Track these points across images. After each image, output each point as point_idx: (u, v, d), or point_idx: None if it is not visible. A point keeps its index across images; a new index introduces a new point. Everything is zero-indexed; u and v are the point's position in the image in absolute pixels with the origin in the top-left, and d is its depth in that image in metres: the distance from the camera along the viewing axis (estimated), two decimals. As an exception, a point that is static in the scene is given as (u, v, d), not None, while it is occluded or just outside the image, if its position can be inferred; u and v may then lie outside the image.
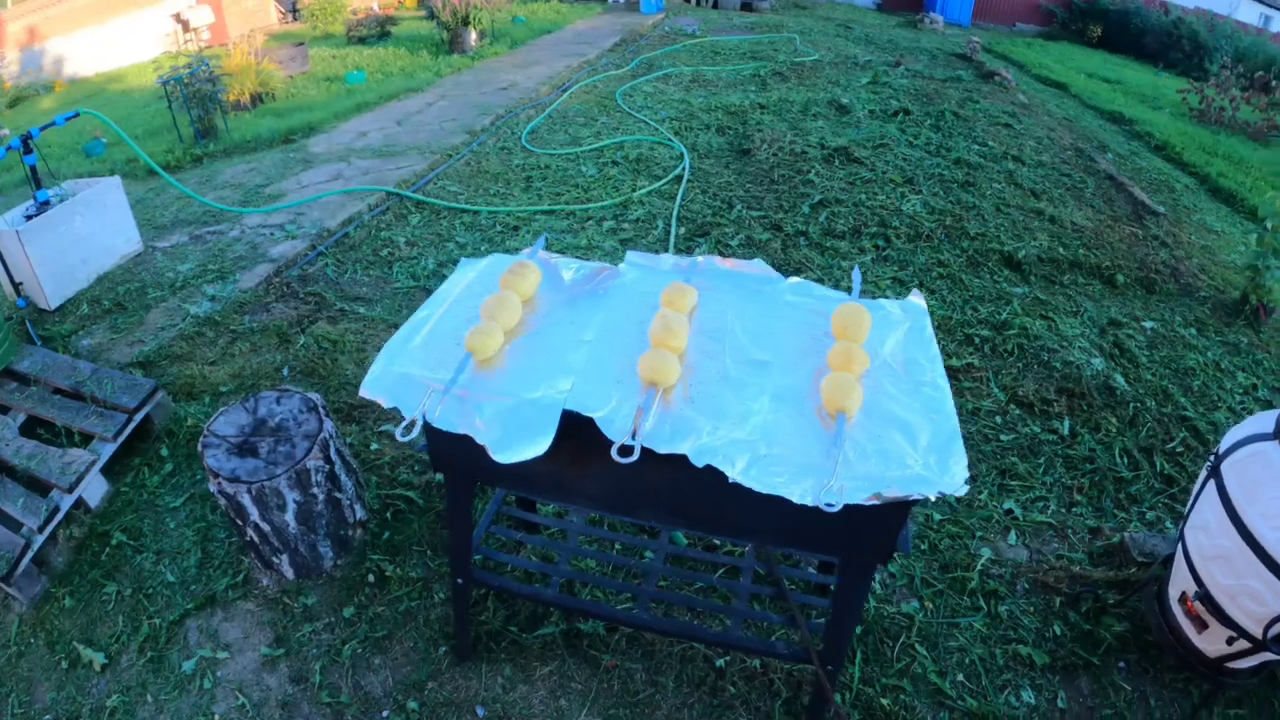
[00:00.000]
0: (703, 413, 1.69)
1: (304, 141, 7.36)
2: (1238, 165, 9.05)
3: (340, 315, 4.40)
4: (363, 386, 1.82)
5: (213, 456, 2.60)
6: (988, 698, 2.64)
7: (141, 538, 3.07)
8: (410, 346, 1.92)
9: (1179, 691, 2.72)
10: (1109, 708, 2.66)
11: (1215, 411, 4.27)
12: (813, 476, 1.61)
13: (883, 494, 1.60)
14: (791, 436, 1.68)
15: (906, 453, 1.67)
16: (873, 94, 8.67)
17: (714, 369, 1.83)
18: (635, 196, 5.97)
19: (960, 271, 5.25)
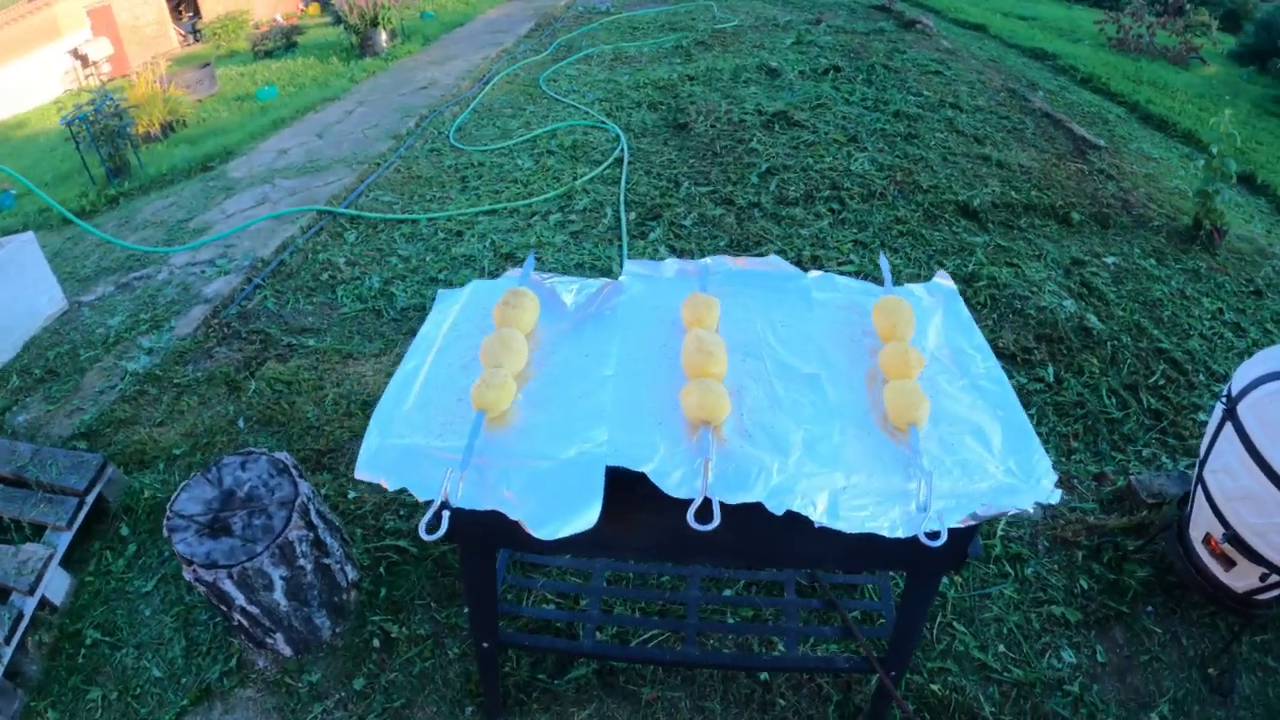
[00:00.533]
0: (764, 448, 1.50)
1: (223, 167, 6.97)
2: (1163, 91, 9.18)
3: (289, 352, 4.11)
4: (359, 467, 1.56)
5: (182, 541, 2.32)
6: (1031, 664, 2.63)
7: (117, 632, 2.78)
8: (404, 409, 1.65)
9: (1207, 627, 2.75)
10: (1145, 653, 2.68)
11: (1189, 340, 4.28)
12: (898, 504, 1.46)
13: (978, 514, 1.45)
14: (864, 460, 1.51)
15: (985, 460, 1.53)
16: (800, 54, 8.55)
17: (761, 393, 1.64)
18: (578, 185, 5.76)
19: (919, 227, 5.17)
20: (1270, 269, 5.11)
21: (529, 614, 2.34)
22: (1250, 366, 2.49)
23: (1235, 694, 2.57)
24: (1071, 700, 2.53)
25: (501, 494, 1.49)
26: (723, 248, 4.92)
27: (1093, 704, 2.52)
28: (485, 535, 1.73)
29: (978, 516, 1.47)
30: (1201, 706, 2.54)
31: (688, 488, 1.43)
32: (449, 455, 1.52)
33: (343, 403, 3.69)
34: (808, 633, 2.27)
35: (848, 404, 1.64)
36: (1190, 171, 6.71)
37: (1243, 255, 5.23)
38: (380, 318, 4.39)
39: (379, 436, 1.59)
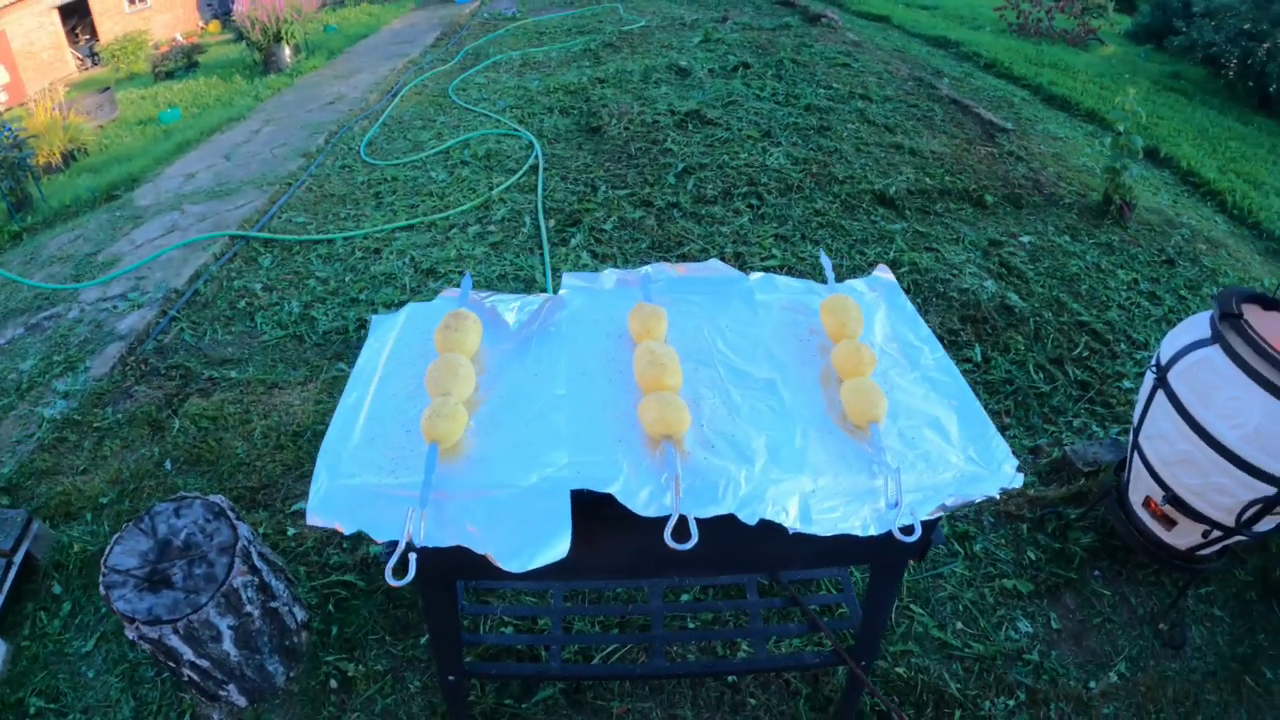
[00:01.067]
0: (729, 458, 1.47)
1: (129, 195, 6.65)
2: (1065, 72, 9.50)
3: (211, 386, 3.94)
4: (310, 511, 1.46)
5: (121, 598, 2.18)
6: (990, 638, 2.69)
7: (61, 697, 2.60)
8: (351, 446, 1.56)
9: (1153, 585, 2.88)
10: (1097, 616, 2.78)
11: (1108, 311, 4.43)
12: (867, 502, 1.45)
13: (947, 504, 1.45)
14: (829, 461, 1.49)
15: (946, 450, 1.54)
16: (708, 52, 8.59)
17: (719, 401, 1.61)
18: (494, 195, 5.68)
19: (838, 217, 5.24)
20: (1179, 237, 5.33)
21: (489, 641, 2.28)
22: (1177, 335, 2.58)
23: (1187, 645, 2.69)
24: (1033, 668, 2.61)
25: (465, 528, 1.42)
26: (644, 250, 4.91)
27: (1053, 669, 2.60)
28: (447, 570, 1.67)
29: (946, 507, 1.47)
30: (1157, 661, 2.65)
31: (657, 505, 1.39)
32: (405, 492, 1.45)
33: (272, 435, 3.55)
34: (772, 632, 2.26)
35: (805, 406, 1.63)
36: (1096, 149, 6.97)
37: (1153, 226, 5.44)
38: (303, 343, 4.25)
39: (328, 477, 1.50)
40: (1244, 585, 2.93)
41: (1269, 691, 2.60)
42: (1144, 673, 2.61)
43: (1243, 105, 9.91)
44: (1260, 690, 2.60)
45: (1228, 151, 7.96)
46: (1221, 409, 2.31)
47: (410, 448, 1.54)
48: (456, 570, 1.68)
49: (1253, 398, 2.23)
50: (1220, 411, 2.31)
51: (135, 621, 2.13)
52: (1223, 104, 9.87)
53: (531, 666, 2.22)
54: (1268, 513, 2.29)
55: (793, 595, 2.29)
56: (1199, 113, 9.21)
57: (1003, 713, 2.49)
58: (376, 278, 4.77)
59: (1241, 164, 7.62)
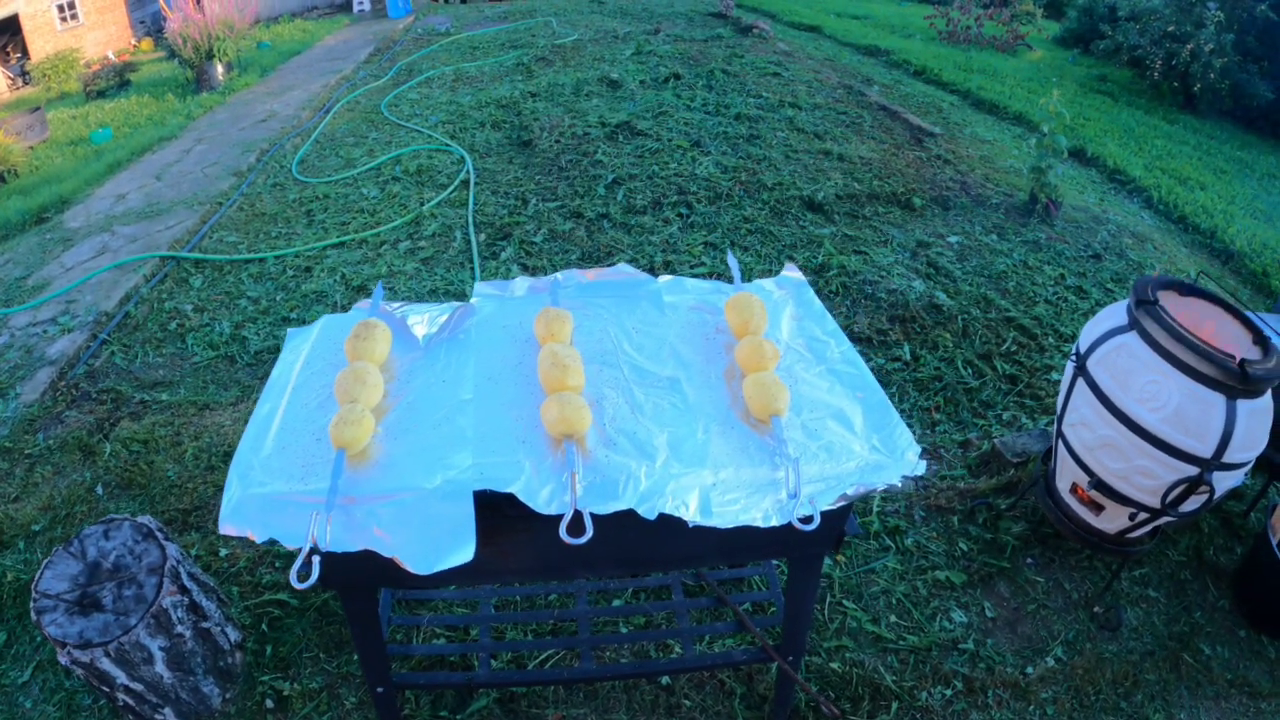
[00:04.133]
0: (629, 455, 1.49)
1: (59, 217, 6.47)
2: (993, 77, 9.73)
3: (142, 409, 3.87)
4: (222, 520, 1.48)
5: (52, 622, 2.15)
6: (924, 629, 2.72)
7: None
8: (263, 456, 1.57)
9: (1086, 570, 2.95)
10: (1031, 603, 2.83)
11: (1035, 306, 4.54)
12: (769, 494, 1.48)
13: (848, 494, 1.49)
14: (731, 455, 1.52)
15: (850, 441, 1.58)
16: (640, 64, 8.66)
17: (621, 400, 1.63)
18: (425, 211, 5.66)
19: (767, 224, 5.31)
20: (1105, 233, 5.48)
21: (421, 652, 2.27)
22: (1095, 324, 2.65)
23: (1123, 627, 2.75)
24: (968, 656, 2.65)
25: (371, 532, 1.43)
26: (575, 260, 4.93)
27: (989, 657, 2.64)
28: (362, 577, 1.67)
29: (848, 496, 1.51)
30: (1093, 644, 2.70)
31: (558, 503, 1.41)
32: (314, 499, 1.46)
33: (203, 457, 3.50)
34: (701, 632, 2.29)
35: (708, 402, 1.66)
36: (1023, 151, 7.14)
37: (1079, 224, 5.60)
38: (234, 364, 4.19)
39: (240, 487, 1.51)
40: (1178, 565, 3.02)
41: (1208, 667, 2.67)
42: (1081, 656, 2.66)
43: (1168, 105, 10.24)
44: (1199, 666, 2.66)
45: (1154, 149, 8.22)
46: (1140, 393, 2.37)
47: (320, 455, 1.55)
48: (374, 577, 1.69)
49: (1170, 380, 2.30)
50: (1139, 395, 2.37)
51: (66, 645, 2.10)
52: (1148, 104, 10.18)
53: (461, 675, 2.21)
54: (1192, 493, 2.34)
55: (719, 595, 2.31)
56: (1125, 113, 9.50)
57: (940, 702, 2.52)
58: (308, 296, 4.72)
59: (1167, 161, 7.88)
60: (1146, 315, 2.37)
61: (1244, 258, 5.82)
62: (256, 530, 1.45)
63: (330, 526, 1.42)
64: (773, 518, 1.46)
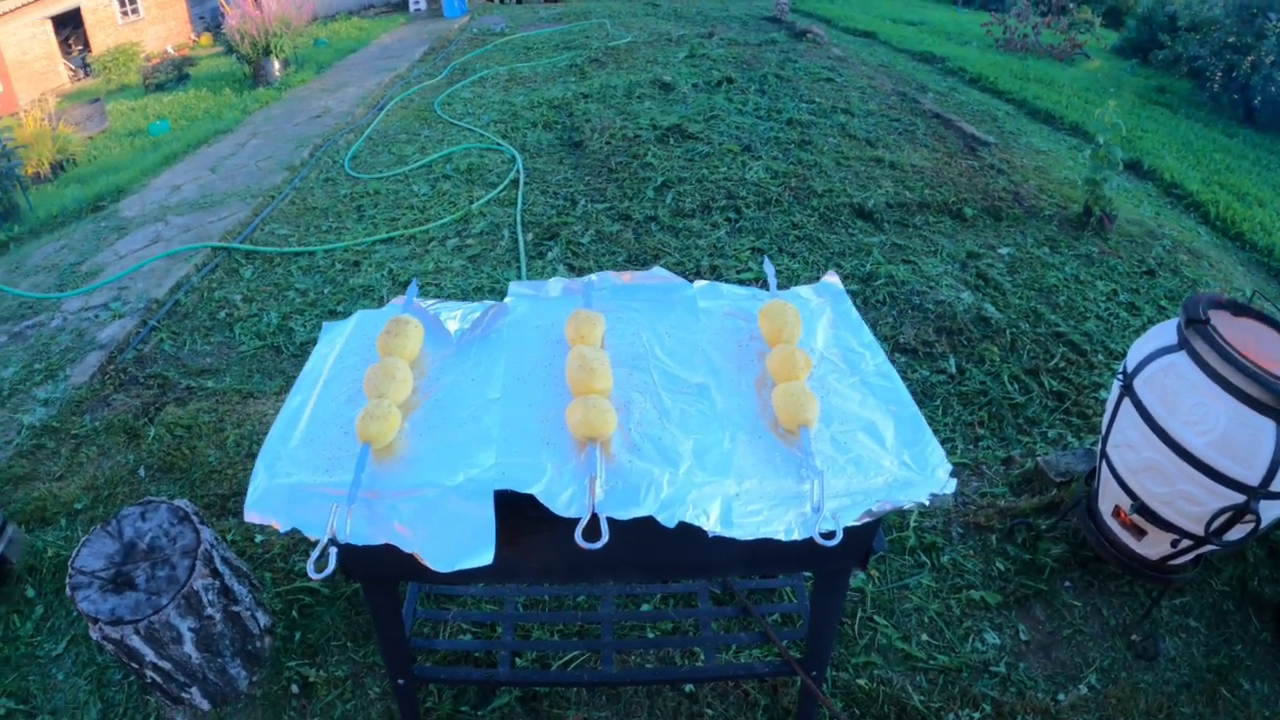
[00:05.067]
0: (653, 461, 1.48)
1: (115, 206, 6.68)
2: (1050, 86, 9.54)
3: (188, 395, 3.96)
4: (247, 508, 1.49)
5: (85, 599, 2.21)
6: (955, 650, 2.66)
7: (30, 699, 2.62)
8: (290, 447, 1.58)
9: (1126, 596, 2.85)
10: (1067, 627, 2.74)
11: (1085, 322, 4.42)
12: (793, 506, 1.45)
13: (873, 510, 1.46)
14: (756, 465, 1.50)
15: (879, 455, 1.54)
16: (693, 67, 8.64)
17: (649, 405, 1.62)
18: (474, 209, 5.70)
19: (816, 231, 5.26)
20: (1160, 249, 5.32)
21: (445, 647, 2.28)
22: (1143, 343, 2.55)
23: (1160, 657, 2.65)
24: (999, 680, 2.57)
25: (392, 527, 1.44)
26: (621, 263, 4.93)
27: (1020, 681, 2.57)
28: (384, 570, 1.68)
29: (873, 513, 1.47)
30: (1129, 673, 2.61)
31: (577, 506, 1.40)
32: (337, 491, 1.47)
33: (244, 444, 3.56)
34: (726, 641, 2.26)
35: (737, 410, 1.63)
36: (1078, 162, 6.98)
37: (1134, 238, 5.44)
38: (280, 354, 4.27)
39: (266, 476, 1.52)
40: (1220, 595, 2.89)
41: (1245, 703, 2.56)
42: (1115, 685, 2.58)
43: (1227, 118, 9.96)
44: (1237, 702, 2.56)
45: (1212, 164, 7.98)
46: (1187, 415, 2.27)
47: (346, 449, 1.56)
48: (396, 571, 1.69)
49: (1219, 404, 2.20)
50: (1186, 418, 2.27)
51: (99, 622, 2.15)
52: (1207, 117, 9.91)
53: (482, 672, 2.22)
54: (1238, 521, 2.25)
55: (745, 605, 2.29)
56: (1183, 126, 9.25)
57: (967, 726, 2.45)
58: (355, 290, 4.79)
59: (1225, 176, 7.65)
60: (1196, 335, 2.28)
61: (1303, 275, 5.64)
62: (280, 519, 1.47)
63: (351, 519, 1.43)
64: (794, 531, 1.44)
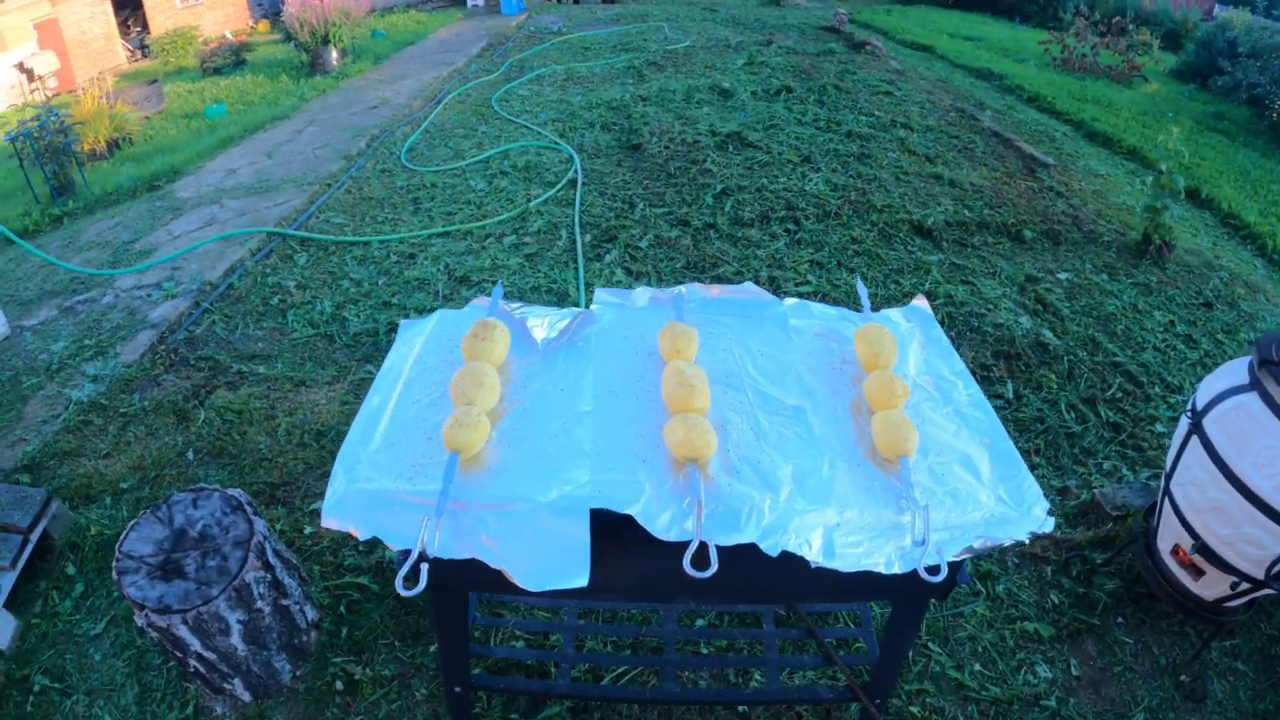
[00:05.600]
0: (753, 485, 1.43)
1: (170, 187, 6.74)
2: (1107, 108, 9.39)
3: (239, 379, 3.97)
4: (325, 513, 1.45)
5: (133, 584, 2.18)
6: (1007, 681, 2.62)
7: (66, 678, 2.60)
8: (370, 450, 1.54)
9: (1177, 635, 2.79)
10: (1118, 664, 2.70)
11: (1143, 353, 4.34)
12: (891, 538, 1.41)
13: (975, 546, 1.41)
14: (856, 494, 1.45)
15: (976, 489, 1.50)
16: (751, 75, 8.59)
17: (745, 426, 1.57)
18: (532, 207, 5.69)
19: (875, 246, 5.20)
20: (1218, 280, 5.22)
21: (500, 654, 2.24)
22: (1214, 380, 2.51)
23: (1208, 700, 2.60)
24: (1049, 715, 2.53)
25: (480, 541, 1.40)
26: (679, 269, 4.90)
27: (1070, 717, 2.53)
28: (459, 581, 1.64)
29: (974, 549, 1.43)
30: (1176, 714, 2.56)
31: (678, 530, 1.36)
32: (422, 500, 1.42)
33: (296, 433, 3.56)
34: (787, 663, 2.22)
35: (834, 436, 1.59)
36: (1136, 187, 6.86)
37: (1191, 268, 5.34)
38: (332, 343, 4.27)
39: (345, 480, 1.48)
40: (1269, 639, 2.83)
41: None
42: None
43: (1287, 149, 9.75)
44: None
45: (1270, 195, 7.80)
46: (1257, 458, 2.24)
47: (430, 455, 1.52)
48: (469, 582, 1.65)
49: None
50: (1256, 460, 2.24)
51: (145, 609, 2.13)
52: (1265, 146, 9.72)
53: (540, 683, 2.19)
54: None
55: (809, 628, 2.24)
56: (1241, 154, 9.08)
57: (1017, 760, 2.39)
58: (410, 282, 4.79)
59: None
60: (1270, 376, 2.25)
61: (1360, 318, 5.48)
62: (360, 527, 1.42)
63: (439, 532, 1.39)
64: (895, 564, 1.39)
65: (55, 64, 13.95)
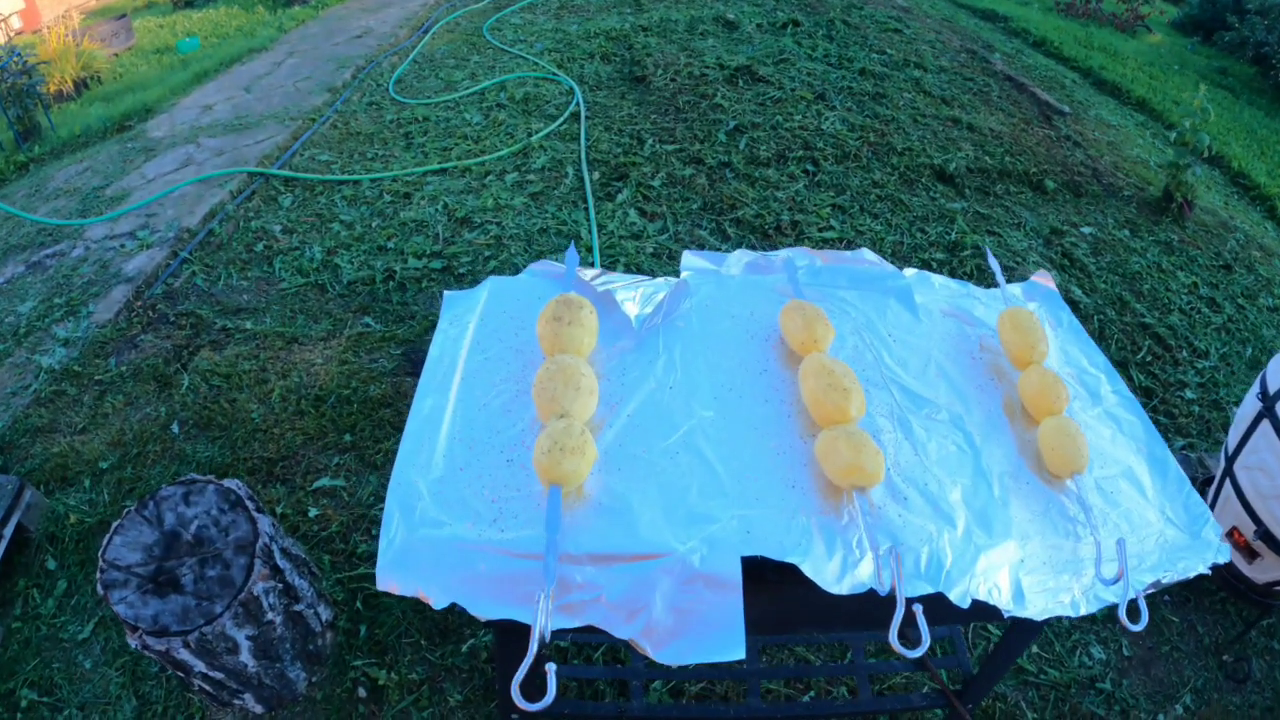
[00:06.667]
0: (924, 515, 1.18)
1: (142, 126, 6.23)
2: (1114, 57, 9.17)
3: (225, 338, 3.62)
4: (381, 572, 1.12)
5: (121, 600, 1.84)
6: (1064, 664, 2.58)
7: (56, 690, 2.32)
8: (432, 478, 1.20)
9: (1219, 614, 2.79)
10: (1165, 644, 2.69)
11: (1169, 315, 4.22)
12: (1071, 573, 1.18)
13: (1162, 581, 1.20)
14: (1033, 520, 1.22)
15: (1144, 508, 1.28)
16: (755, 6, 8.18)
17: (900, 437, 1.31)
18: (534, 142, 5.33)
19: (897, 191, 4.95)
20: (1234, 242, 5.10)
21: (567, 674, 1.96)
22: (1287, 360, 2.45)
23: (1250, 679, 2.62)
24: (1104, 697, 2.50)
25: (600, 606, 1.09)
26: (696, 210, 4.63)
27: (1124, 700, 2.51)
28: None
29: (1160, 585, 1.21)
30: (1220, 694, 2.57)
31: (851, 581, 1.09)
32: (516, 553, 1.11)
33: (291, 398, 3.25)
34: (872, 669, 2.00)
35: (996, 446, 1.34)
36: (1148, 140, 6.71)
37: (1208, 228, 5.21)
38: (325, 293, 3.94)
39: (404, 524, 1.15)
40: None
41: None
42: (1208, 706, 2.53)
43: (1291, 108, 9.62)
44: None
45: (1278, 155, 7.67)
46: None
47: (515, 486, 1.20)
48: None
49: None
50: None
51: (139, 630, 1.82)
52: (1269, 106, 9.56)
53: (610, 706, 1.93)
54: None
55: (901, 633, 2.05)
56: (1246, 112, 8.91)
57: (1077, 745, 2.35)
58: (406, 224, 4.44)
59: (1292, 169, 7.35)
60: None
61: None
62: (431, 590, 1.11)
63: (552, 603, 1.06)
64: (1082, 605, 1.16)
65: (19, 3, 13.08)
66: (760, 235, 4.45)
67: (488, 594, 1.10)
